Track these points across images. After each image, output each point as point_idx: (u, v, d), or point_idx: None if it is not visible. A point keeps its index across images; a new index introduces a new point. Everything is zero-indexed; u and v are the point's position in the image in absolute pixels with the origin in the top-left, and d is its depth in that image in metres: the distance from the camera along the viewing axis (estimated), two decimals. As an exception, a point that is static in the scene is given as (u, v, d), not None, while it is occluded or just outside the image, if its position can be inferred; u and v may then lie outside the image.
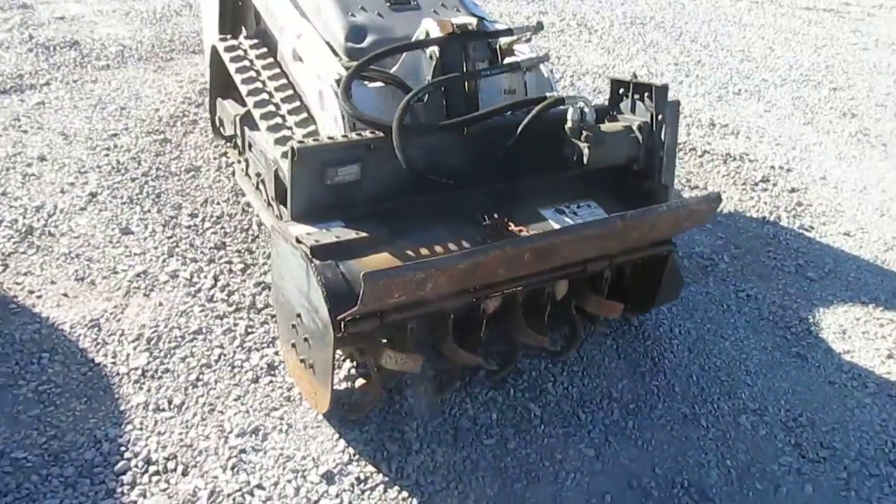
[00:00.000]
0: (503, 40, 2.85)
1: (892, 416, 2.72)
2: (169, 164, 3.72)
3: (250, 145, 3.38)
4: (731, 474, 2.41)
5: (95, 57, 4.90)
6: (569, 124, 2.34)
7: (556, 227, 2.31)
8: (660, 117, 2.38)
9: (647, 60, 6.04)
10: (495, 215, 2.23)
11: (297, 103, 3.12)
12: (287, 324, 2.30)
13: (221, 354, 2.59)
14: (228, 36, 3.56)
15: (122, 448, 2.21)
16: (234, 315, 2.77)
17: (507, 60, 2.83)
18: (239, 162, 3.69)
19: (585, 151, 2.28)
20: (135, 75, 4.71)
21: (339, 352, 2.25)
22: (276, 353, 2.62)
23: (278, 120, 3.05)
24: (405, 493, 2.18)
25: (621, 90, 2.54)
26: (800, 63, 6.40)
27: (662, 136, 2.40)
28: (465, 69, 2.60)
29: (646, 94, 2.42)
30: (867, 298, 3.39)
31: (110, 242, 3.11)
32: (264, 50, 3.42)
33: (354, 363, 2.56)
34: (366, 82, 2.63)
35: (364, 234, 2.11)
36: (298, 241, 2.07)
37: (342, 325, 1.92)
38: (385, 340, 2.23)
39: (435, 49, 2.61)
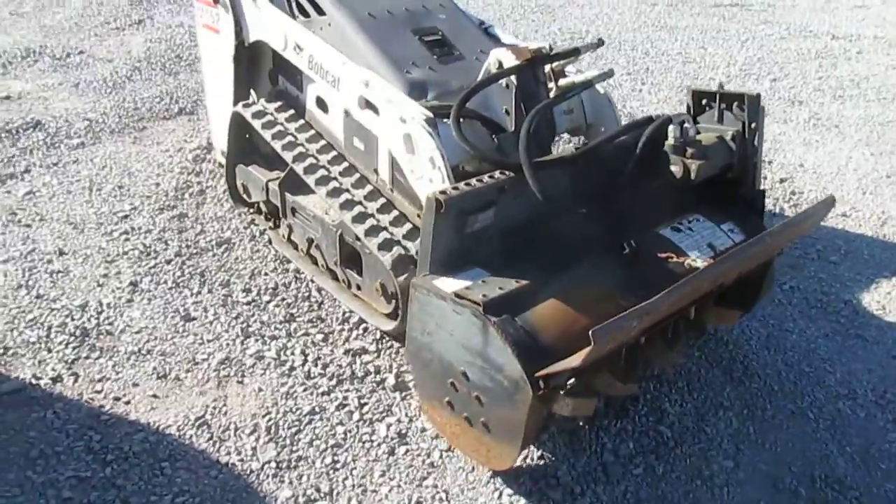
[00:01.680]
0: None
1: (959, 380, 2.97)
2: (197, 240, 3.59)
3: (294, 210, 3.32)
4: (855, 459, 2.57)
5: (65, 135, 4.63)
6: (670, 141, 2.43)
7: (682, 245, 2.40)
8: (752, 125, 2.52)
9: (600, 72, 6.26)
10: (632, 243, 2.29)
11: (345, 164, 3.11)
12: (438, 381, 2.26)
13: (346, 431, 2.54)
14: (250, 101, 3.49)
15: (295, 547, 2.14)
16: (339, 389, 2.71)
17: (564, 81, 2.87)
18: (272, 228, 3.61)
19: (693, 167, 2.39)
20: (115, 150, 4.50)
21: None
22: (399, 421, 2.59)
23: (335, 184, 3.02)
24: (587, 538, 2.21)
25: (704, 101, 2.66)
26: (734, 59, 6.81)
27: (756, 143, 2.55)
28: (548, 95, 2.67)
29: (734, 103, 2.56)
30: (888, 273, 3.68)
31: (177, 332, 2.98)
32: (292, 112, 3.38)
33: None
34: (444, 119, 2.59)
35: (525, 282, 2.12)
36: (459, 297, 2.06)
37: (540, 382, 1.93)
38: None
39: (512, 77, 2.66)
